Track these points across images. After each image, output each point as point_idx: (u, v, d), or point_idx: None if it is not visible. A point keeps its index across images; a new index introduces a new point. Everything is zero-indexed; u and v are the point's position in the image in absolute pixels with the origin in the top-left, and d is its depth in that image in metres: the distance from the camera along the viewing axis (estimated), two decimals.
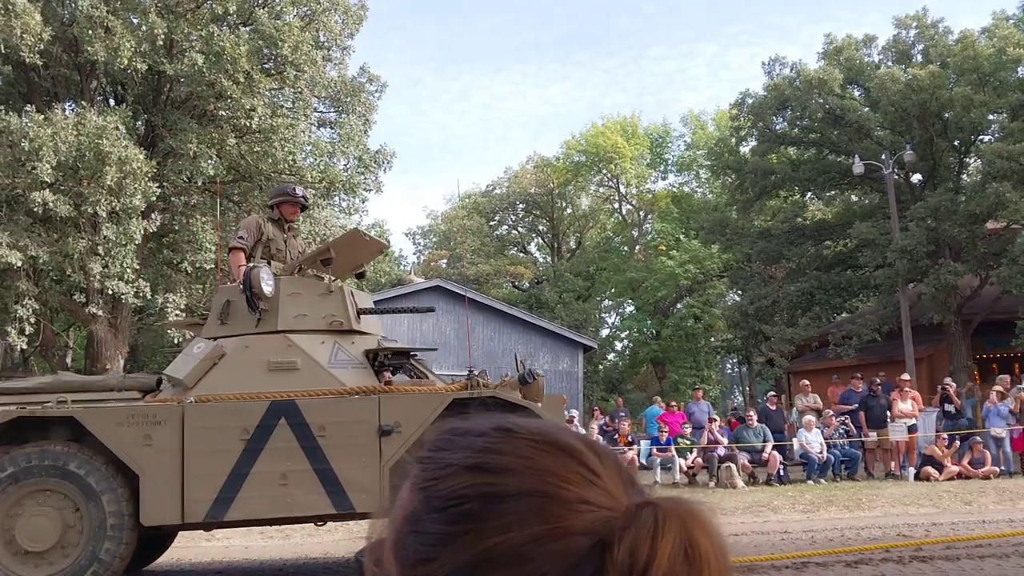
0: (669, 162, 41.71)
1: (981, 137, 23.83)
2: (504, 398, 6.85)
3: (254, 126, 18.33)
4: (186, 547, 8.88)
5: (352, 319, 7.37)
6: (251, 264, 7.27)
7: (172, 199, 19.19)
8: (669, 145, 41.81)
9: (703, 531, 0.66)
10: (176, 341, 22.51)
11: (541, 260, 42.73)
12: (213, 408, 6.54)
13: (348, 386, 6.84)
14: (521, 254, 42.04)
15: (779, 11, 72.08)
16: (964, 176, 25.06)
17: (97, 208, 16.07)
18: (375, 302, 9.85)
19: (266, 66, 19.37)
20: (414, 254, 44.05)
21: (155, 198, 17.41)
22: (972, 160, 24.94)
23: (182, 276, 20.04)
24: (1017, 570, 6.54)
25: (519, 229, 43.43)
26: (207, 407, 6.54)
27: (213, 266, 20.06)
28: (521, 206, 41.68)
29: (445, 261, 39.67)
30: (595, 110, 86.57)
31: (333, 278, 7.45)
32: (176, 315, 19.05)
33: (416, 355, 7.91)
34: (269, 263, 7.60)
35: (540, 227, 43.00)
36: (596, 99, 76.38)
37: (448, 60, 77.04)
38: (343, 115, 20.95)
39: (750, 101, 26.29)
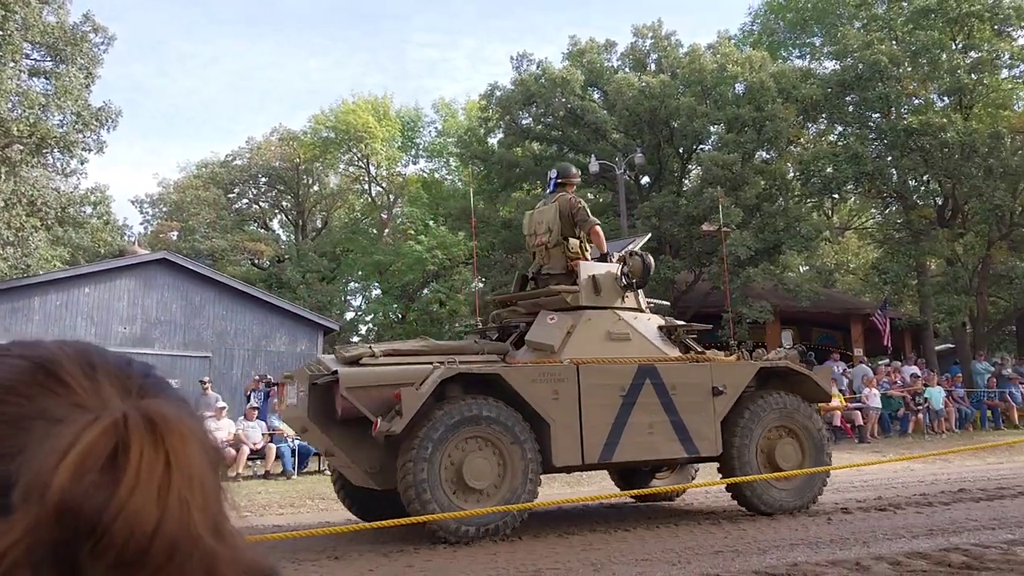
0: (420, 147, 41.86)
1: (702, 146, 25.97)
2: (795, 368, 8.51)
3: None
4: None
5: (645, 300, 8.89)
6: (639, 252, 8.49)
7: None
8: (421, 130, 41.94)
9: (152, 442, 0.55)
10: None
11: (284, 238, 41.20)
12: (598, 369, 7.64)
13: (669, 355, 8.14)
14: (262, 230, 40.24)
15: (541, 10, 74.63)
16: (686, 181, 27.14)
17: None
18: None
19: None
20: (141, 224, 40.73)
21: None
22: (693, 167, 27.12)
23: None
24: (731, 533, 7.16)
25: (261, 204, 41.54)
26: (595, 367, 7.64)
27: None
28: (264, 180, 39.85)
29: (176, 233, 37.13)
30: (355, 89, 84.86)
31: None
32: None
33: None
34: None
35: (284, 203, 41.46)
36: (357, 78, 75.10)
37: (201, 21, 71.96)
38: (61, 65, 18.82)
39: (499, 94, 26.86)
